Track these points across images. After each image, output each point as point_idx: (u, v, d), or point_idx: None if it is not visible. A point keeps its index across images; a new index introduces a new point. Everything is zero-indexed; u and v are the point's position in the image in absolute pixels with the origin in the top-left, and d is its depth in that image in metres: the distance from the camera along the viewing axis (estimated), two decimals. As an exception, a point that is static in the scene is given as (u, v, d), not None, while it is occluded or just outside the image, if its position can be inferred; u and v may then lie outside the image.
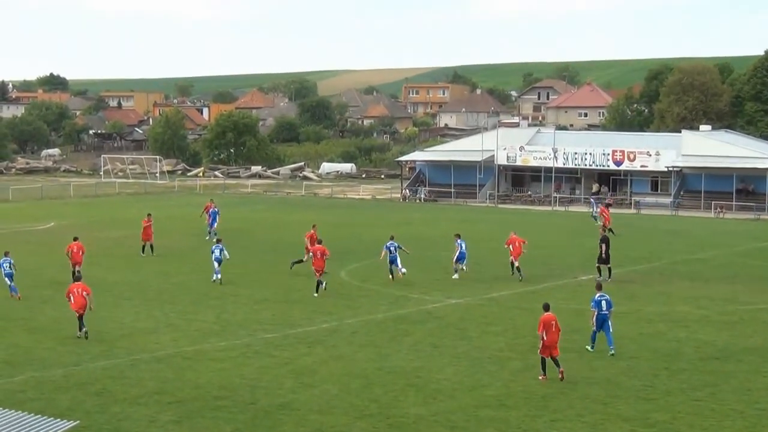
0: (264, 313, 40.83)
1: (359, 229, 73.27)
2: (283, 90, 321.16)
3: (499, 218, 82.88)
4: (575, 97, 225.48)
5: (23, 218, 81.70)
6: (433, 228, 77.06)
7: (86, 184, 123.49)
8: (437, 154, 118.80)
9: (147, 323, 38.77)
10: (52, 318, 39.37)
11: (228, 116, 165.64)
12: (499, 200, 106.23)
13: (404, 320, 39.70)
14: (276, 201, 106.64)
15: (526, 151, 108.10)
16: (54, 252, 58.96)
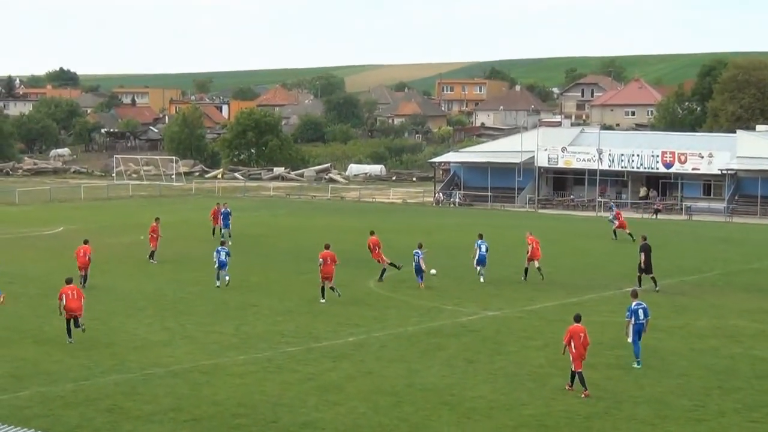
0: (286, 325, 40.85)
1: (389, 236, 73.03)
2: (308, 86, 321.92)
3: (539, 224, 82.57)
4: (622, 94, 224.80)
5: (30, 222, 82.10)
6: (468, 235, 76.54)
7: (97, 187, 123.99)
8: (473, 155, 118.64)
9: (161, 335, 38.85)
10: (61, 329, 39.37)
11: (249, 114, 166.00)
12: (540, 205, 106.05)
13: (437, 333, 39.64)
14: (299, 205, 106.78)
15: (569, 153, 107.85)
16: (63, 258, 59.20)
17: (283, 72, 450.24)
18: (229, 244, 62.06)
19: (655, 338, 38.87)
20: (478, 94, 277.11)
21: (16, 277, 52.04)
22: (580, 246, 70.11)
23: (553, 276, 55.20)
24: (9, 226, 78.14)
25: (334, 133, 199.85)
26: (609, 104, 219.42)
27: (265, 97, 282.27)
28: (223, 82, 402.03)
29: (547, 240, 69.88)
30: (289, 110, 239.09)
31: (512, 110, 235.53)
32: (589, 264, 60.53)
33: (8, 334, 38.67)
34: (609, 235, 77.36)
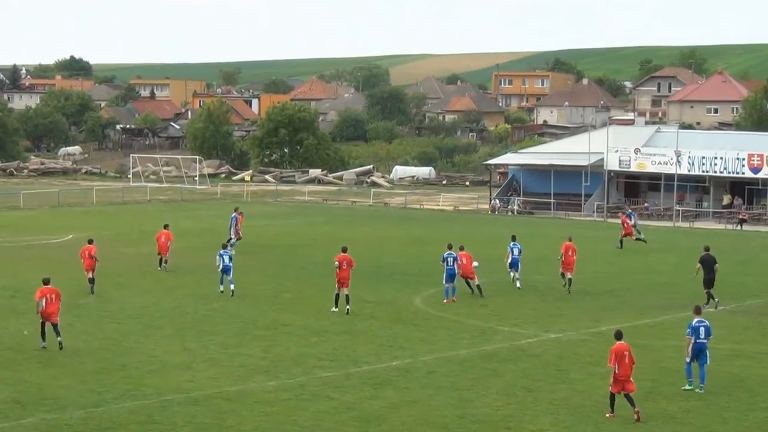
0: (322, 346, 40.86)
1: (438, 248, 72.71)
2: (349, 78, 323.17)
3: (608, 235, 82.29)
4: (703, 89, 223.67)
5: (36, 229, 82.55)
6: (528, 247, 76.53)
7: (112, 189, 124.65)
8: (534, 156, 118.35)
9: (181, 357, 38.95)
10: (71, 350, 39.66)
11: (282, 109, 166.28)
12: (609, 213, 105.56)
13: (492, 358, 39.57)
14: (338, 212, 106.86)
15: (643, 155, 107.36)
16: (72, 270, 59.50)
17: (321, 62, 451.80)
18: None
19: (740, 366, 38.68)
20: (540, 88, 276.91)
21: (20, 290, 52.28)
22: (654, 261, 69.74)
23: (623, 294, 55.05)
24: (13, 233, 78.61)
25: (378, 131, 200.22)
26: (688, 100, 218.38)
27: (299, 90, 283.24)
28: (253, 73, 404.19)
29: (617, 254, 69.85)
30: (326, 105, 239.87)
31: (579, 106, 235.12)
32: (664, 281, 60.24)
33: (11, 354, 38.90)
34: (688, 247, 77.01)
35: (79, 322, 44.88)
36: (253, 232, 79.91)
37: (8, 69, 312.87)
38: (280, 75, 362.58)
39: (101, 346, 40.44)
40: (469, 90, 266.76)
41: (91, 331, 43.18)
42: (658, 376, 36.84)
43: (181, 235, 74.23)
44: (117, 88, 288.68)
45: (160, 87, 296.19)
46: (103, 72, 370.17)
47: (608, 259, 65.66)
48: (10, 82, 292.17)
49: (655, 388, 35.11)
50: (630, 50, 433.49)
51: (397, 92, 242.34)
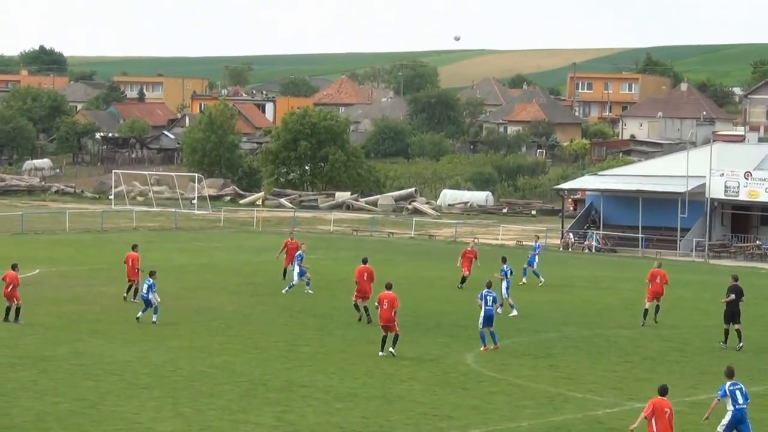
0: (348, 414, 40.92)
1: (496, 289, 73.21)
2: (387, 79, 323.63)
3: (710, 280, 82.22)
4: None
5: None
6: (609, 293, 76.83)
7: (89, 213, 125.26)
8: (618, 180, 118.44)
9: (173, 425, 39.06)
10: (34, 412, 39.86)
11: (302, 116, 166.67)
12: (712, 252, 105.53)
13: (561, 431, 39.58)
14: (371, 245, 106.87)
15: (755, 180, 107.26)
16: (38, 314, 59.86)
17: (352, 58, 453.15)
18: (284, 292, 63.84)
19: None
20: (626, 94, 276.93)
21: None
22: (766, 312, 69.59)
23: (729, 355, 54.92)
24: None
25: (422, 146, 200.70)
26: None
27: (325, 93, 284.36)
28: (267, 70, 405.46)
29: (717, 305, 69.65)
30: (359, 112, 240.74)
31: (675, 118, 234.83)
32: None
33: (-40, 417, 39.12)
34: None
35: (46, 378, 45.11)
36: (264, 269, 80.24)
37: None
38: (300, 73, 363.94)
39: (73, 409, 40.57)
40: (538, 95, 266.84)
41: (61, 390, 43.30)
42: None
43: (174, 273, 74.63)
44: (97, 87, 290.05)
45: (150, 86, 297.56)
46: (80, 67, 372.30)
47: (710, 310, 65.51)
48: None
49: None
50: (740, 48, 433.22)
51: (448, 97, 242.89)
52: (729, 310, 56.61)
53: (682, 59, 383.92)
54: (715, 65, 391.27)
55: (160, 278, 64.62)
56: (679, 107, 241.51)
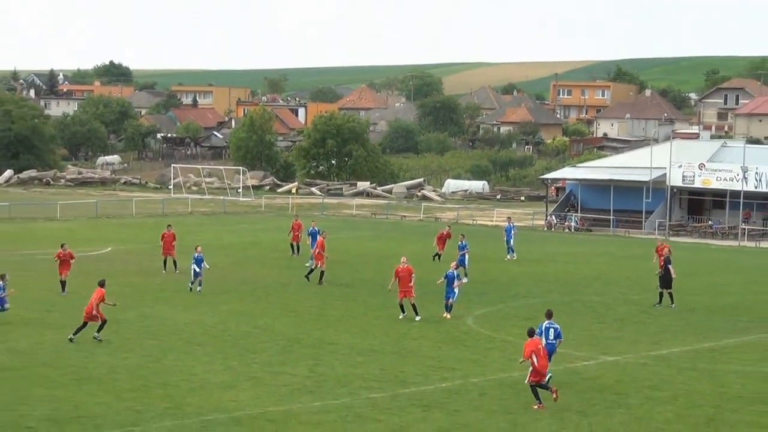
0: (369, 366, 40.98)
1: (491, 265, 73.26)
2: (400, 87, 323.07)
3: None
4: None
5: (74, 241, 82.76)
6: (585, 266, 76.73)
7: (152, 201, 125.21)
8: (593, 171, 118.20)
9: (223, 376, 39.16)
10: (108, 365, 39.95)
11: (329, 119, 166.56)
12: (672, 231, 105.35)
13: (546, 381, 39.61)
14: (387, 226, 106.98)
15: (707, 170, 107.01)
16: (110, 284, 59.86)
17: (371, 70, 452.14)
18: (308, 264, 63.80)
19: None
20: (600, 99, 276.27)
21: (57, 304, 52.77)
22: (718, 281, 69.54)
23: (685, 315, 54.95)
24: (49, 245, 78.88)
25: (429, 143, 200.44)
26: (757, 113, 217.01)
27: (348, 99, 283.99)
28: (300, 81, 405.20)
29: (680, 273, 69.53)
30: (376, 115, 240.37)
31: (641, 119, 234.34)
32: (728, 303, 60.03)
33: (46, 370, 39.21)
34: (755, 267, 76.92)
35: (118, 338, 45.21)
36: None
37: (45, 74, 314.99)
38: (327, 83, 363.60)
39: (140, 363, 40.69)
40: (526, 100, 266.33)
41: (129, 347, 43.45)
42: (721, 402, 36.76)
43: (223, 250, 74.72)
44: (158, 95, 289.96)
45: (202, 94, 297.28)
46: (143, 78, 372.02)
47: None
48: (47, 88, 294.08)
49: (718, 415, 35.05)
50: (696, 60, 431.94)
51: (450, 102, 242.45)
52: (662, 278, 57.89)
53: (646, 70, 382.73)
54: (675, 75, 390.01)
55: (212, 254, 64.93)
56: (644, 110, 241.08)
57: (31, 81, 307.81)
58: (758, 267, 79.24)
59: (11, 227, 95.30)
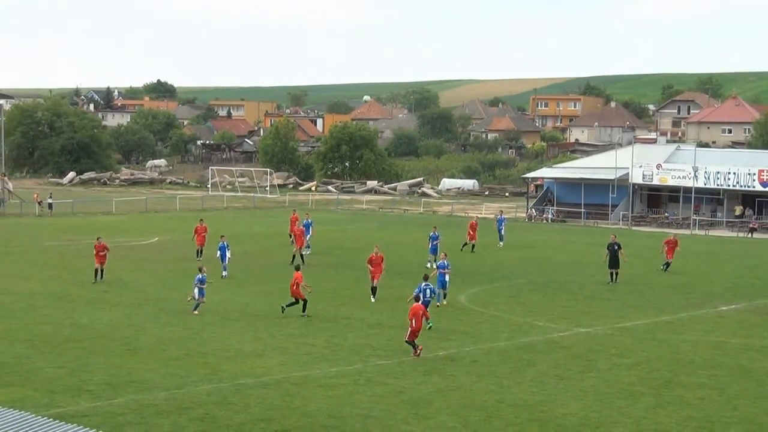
0: (377, 338, 40.89)
1: (481, 251, 73.14)
2: (402, 101, 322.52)
3: (632, 242, 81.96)
4: (719, 111, 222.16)
5: (126, 232, 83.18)
6: (561, 251, 76.62)
7: (193, 197, 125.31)
8: (567, 171, 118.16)
9: (253, 346, 39.10)
10: (156, 337, 39.95)
11: (343, 128, 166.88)
12: (633, 222, 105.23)
13: (527, 349, 39.51)
14: (392, 219, 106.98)
15: (664, 170, 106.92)
16: (157, 268, 60.04)
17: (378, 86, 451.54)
18: (307, 252, 63.78)
19: (748, 358, 38.47)
20: (572, 110, 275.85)
21: (112, 285, 52.74)
22: (674, 264, 69.33)
23: (645, 293, 54.86)
24: (106, 235, 78.79)
25: (428, 148, 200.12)
26: (705, 122, 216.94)
27: (359, 111, 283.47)
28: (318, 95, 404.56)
29: (640, 257, 69.64)
30: (382, 124, 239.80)
31: (607, 127, 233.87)
32: (682, 282, 59.93)
33: (104, 342, 39.20)
34: (704, 252, 76.79)
35: (164, 314, 45.19)
36: (317, 236, 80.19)
37: (103, 91, 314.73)
38: (341, 97, 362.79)
39: (183, 335, 40.65)
40: (510, 111, 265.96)
41: (175, 322, 43.40)
42: (676, 367, 36.67)
43: (253, 238, 74.70)
44: (198, 109, 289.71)
45: (236, 107, 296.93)
46: (185, 94, 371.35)
47: (631, 263, 65.33)
48: (105, 103, 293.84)
49: (674, 378, 34.96)
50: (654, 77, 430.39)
51: (446, 113, 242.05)
52: (611, 260, 58.60)
53: (611, 85, 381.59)
54: (635, 89, 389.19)
55: (244, 242, 64.86)
56: (609, 119, 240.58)
57: (91, 97, 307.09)
58: (707, 252, 79.09)
59: (74, 220, 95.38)
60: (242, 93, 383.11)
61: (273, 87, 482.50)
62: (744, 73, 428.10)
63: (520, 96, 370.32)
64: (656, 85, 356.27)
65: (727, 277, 62.41)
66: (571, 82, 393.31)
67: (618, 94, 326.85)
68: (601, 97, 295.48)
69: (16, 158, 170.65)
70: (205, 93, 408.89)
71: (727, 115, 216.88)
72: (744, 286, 58.84)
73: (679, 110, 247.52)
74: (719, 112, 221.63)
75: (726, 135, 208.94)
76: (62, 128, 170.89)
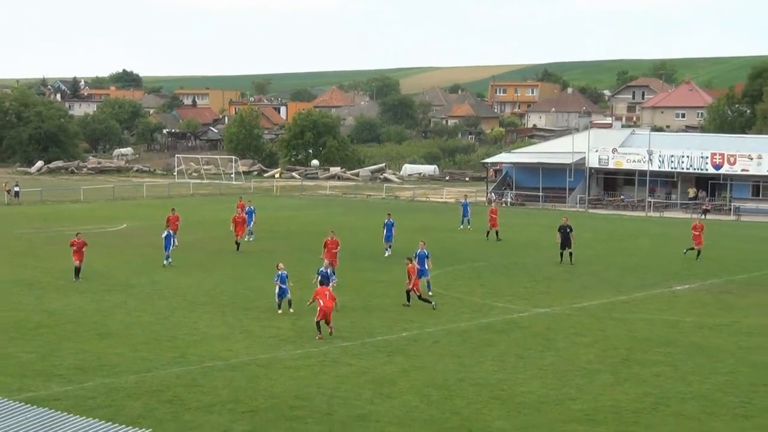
0: (342, 320, 40.78)
1: (442, 234, 73.26)
2: (364, 88, 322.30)
3: (589, 224, 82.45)
4: (672, 96, 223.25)
5: (95, 219, 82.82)
6: (520, 234, 76.83)
7: (159, 185, 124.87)
8: (525, 155, 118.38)
9: (221, 329, 39.13)
10: (124, 323, 39.89)
11: (306, 115, 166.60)
12: (590, 205, 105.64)
13: (488, 330, 39.69)
14: (355, 204, 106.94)
15: (619, 154, 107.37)
16: (125, 254, 59.89)
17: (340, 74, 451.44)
18: (250, 239, 63.81)
19: (702, 336, 38.81)
20: (530, 96, 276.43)
21: (81, 272, 52.56)
22: (629, 245, 69.84)
23: (602, 274, 55.18)
24: (74, 223, 78.76)
25: (389, 134, 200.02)
26: (659, 106, 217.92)
27: (321, 99, 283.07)
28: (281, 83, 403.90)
29: (597, 239, 70.04)
30: (345, 111, 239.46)
31: (564, 112, 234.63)
32: (637, 263, 60.27)
33: (73, 327, 39.13)
34: (659, 234, 77.27)
35: (132, 300, 45.12)
36: (281, 221, 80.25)
37: (69, 81, 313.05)
38: (304, 85, 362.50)
39: (151, 320, 40.62)
40: (469, 98, 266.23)
41: (143, 307, 43.35)
42: (632, 345, 36.96)
43: (220, 224, 74.44)
44: (163, 98, 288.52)
45: (200, 96, 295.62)
46: (151, 83, 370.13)
47: (588, 245, 65.71)
48: (71, 93, 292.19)
49: (630, 356, 35.24)
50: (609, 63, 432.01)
51: (406, 100, 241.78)
52: (562, 241, 59.12)
53: (568, 71, 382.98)
54: (592, 75, 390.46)
55: (210, 228, 64.67)
56: (566, 105, 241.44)
57: (58, 87, 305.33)
58: (662, 234, 79.52)
59: (43, 209, 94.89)
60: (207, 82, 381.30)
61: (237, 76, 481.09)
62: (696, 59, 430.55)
63: (479, 83, 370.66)
64: (611, 72, 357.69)
65: (681, 258, 62.81)
66: (528, 69, 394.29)
67: (574, 80, 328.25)
68: (557, 83, 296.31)
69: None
70: (171, 82, 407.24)
71: (681, 99, 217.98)
72: (697, 266, 59.24)
73: (633, 95, 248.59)
74: (673, 97, 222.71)
75: (679, 119, 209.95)
76: (30, 118, 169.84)
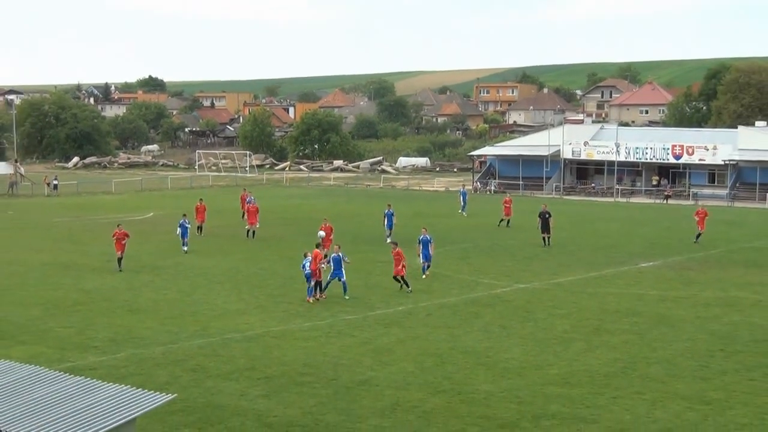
0: (346, 299, 40.84)
1: (434, 219, 73.12)
2: (363, 90, 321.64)
3: (564, 209, 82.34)
4: (637, 95, 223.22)
5: (125, 209, 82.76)
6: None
7: (182, 178, 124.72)
8: (506, 149, 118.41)
9: (238, 305, 39.09)
10: (152, 300, 39.84)
11: (312, 115, 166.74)
12: (565, 192, 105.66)
13: (475, 303, 39.65)
14: (356, 193, 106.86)
15: (590, 146, 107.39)
16: (152, 240, 59.78)
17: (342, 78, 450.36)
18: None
19: (665, 307, 38.77)
20: (510, 96, 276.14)
21: (113, 256, 52.37)
22: (599, 228, 69.81)
23: (576, 253, 55.11)
24: (106, 212, 78.86)
25: (386, 131, 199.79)
26: (626, 104, 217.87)
27: (325, 100, 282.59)
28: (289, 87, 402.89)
29: (571, 222, 69.95)
30: (346, 111, 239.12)
31: (541, 110, 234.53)
32: (607, 243, 60.23)
33: (107, 304, 39.07)
34: (626, 217, 77.22)
35: (159, 279, 45.07)
36: (290, 209, 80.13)
37: (101, 86, 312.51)
38: (310, 88, 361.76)
39: (176, 297, 40.57)
40: (456, 98, 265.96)
41: (168, 286, 43.30)
42: (603, 316, 36.93)
43: (235, 212, 74.30)
44: (185, 100, 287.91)
45: (218, 98, 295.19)
46: (174, 87, 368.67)
47: (563, 227, 65.64)
48: (103, 96, 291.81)
49: (601, 325, 35.21)
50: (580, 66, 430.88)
51: (401, 101, 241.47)
52: (542, 226, 58.56)
53: (544, 74, 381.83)
54: (565, 77, 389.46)
55: (227, 216, 64.50)
56: (543, 103, 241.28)
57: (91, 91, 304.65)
58: (628, 217, 79.49)
59: (79, 199, 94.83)
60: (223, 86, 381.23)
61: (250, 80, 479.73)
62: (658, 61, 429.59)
63: (465, 84, 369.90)
64: (582, 73, 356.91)
65: (646, 238, 62.77)
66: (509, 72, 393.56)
67: (550, 81, 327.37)
68: (535, 84, 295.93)
69: (27, 146, 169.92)
70: (191, 86, 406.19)
71: (644, 98, 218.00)
72: (661, 245, 59.20)
73: (602, 95, 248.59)
74: (637, 95, 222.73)
75: (643, 115, 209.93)
76: (66, 119, 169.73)
